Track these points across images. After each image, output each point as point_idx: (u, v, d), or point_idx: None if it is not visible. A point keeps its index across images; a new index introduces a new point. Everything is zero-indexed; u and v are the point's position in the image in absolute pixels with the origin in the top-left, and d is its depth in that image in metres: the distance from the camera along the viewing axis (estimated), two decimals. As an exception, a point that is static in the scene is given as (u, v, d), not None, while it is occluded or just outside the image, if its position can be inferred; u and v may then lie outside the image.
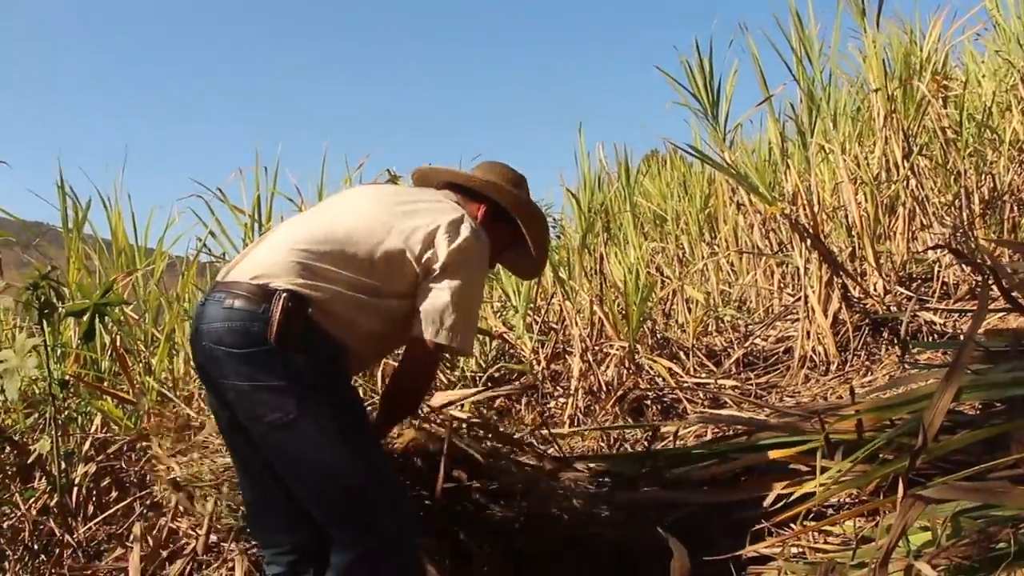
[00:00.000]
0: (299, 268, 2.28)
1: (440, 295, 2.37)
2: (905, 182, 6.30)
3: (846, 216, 6.68)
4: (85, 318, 3.56)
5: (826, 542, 2.76)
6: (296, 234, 2.42)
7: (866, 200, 6.32)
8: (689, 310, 6.89)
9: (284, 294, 2.21)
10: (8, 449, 4.02)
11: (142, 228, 5.70)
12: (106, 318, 3.68)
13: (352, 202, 2.60)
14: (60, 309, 3.71)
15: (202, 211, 5.78)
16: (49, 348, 3.62)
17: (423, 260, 2.39)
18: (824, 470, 2.81)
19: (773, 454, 3.01)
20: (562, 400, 5.68)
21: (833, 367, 5.50)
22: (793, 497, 2.87)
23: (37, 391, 4.35)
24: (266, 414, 2.22)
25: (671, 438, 4.43)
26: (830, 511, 2.98)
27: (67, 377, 4.28)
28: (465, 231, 2.44)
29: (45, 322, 3.60)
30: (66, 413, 4.12)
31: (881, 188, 6.36)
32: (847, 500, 2.96)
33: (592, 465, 3.45)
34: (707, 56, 6.84)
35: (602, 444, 4.85)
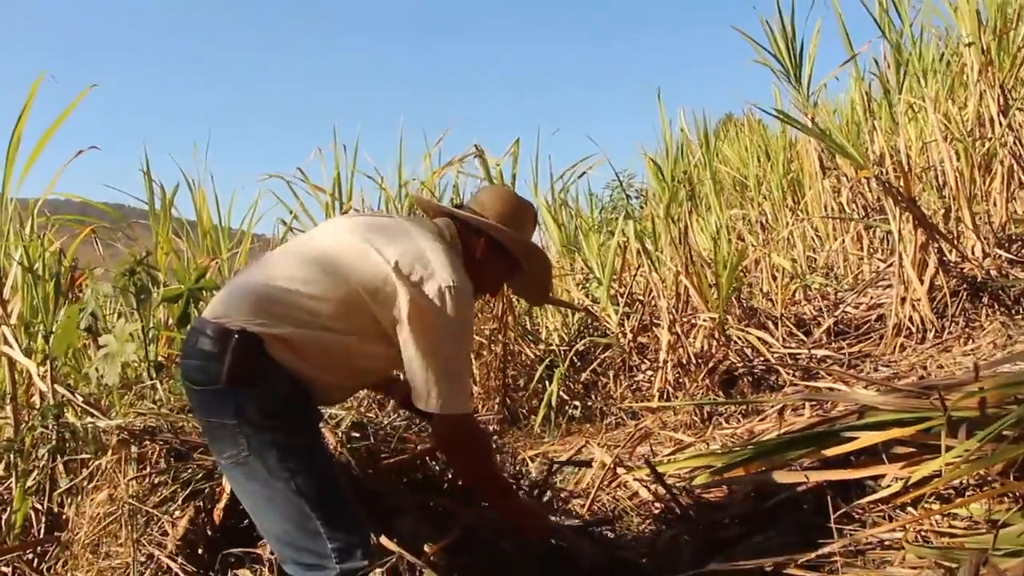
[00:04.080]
0: (258, 307, 2.25)
1: (414, 364, 2.27)
2: (1002, 139, 6.05)
3: (937, 177, 6.45)
4: (180, 303, 3.56)
5: (950, 526, 2.65)
6: (262, 272, 2.40)
7: (959, 159, 6.08)
8: (774, 278, 6.73)
9: (236, 335, 2.21)
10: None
11: (225, 209, 5.74)
12: (200, 303, 3.69)
13: (320, 236, 2.52)
14: (155, 294, 3.72)
15: (283, 192, 5.81)
16: (147, 333, 3.64)
17: (379, 298, 2.28)
18: (947, 449, 2.67)
19: (893, 432, 2.88)
20: (649, 373, 5.60)
21: (930, 335, 5.33)
22: (913, 479, 2.75)
23: (130, 374, 4.39)
24: (223, 451, 2.26)
25: (769, 411, 4.33)
26: (949, 493, 2.85)
27: (161, 359, 4.31)
28: (432, 283, 2.27)
29: (141, 307, 3.61)
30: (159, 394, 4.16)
31: (976, 146, 6.11)
32: (970, 482, 2.82)
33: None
34: (788, 15, 6.64)
35: (695, 417, 4.77)
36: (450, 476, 2.93)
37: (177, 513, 2.66)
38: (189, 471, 2.76)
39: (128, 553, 2.58)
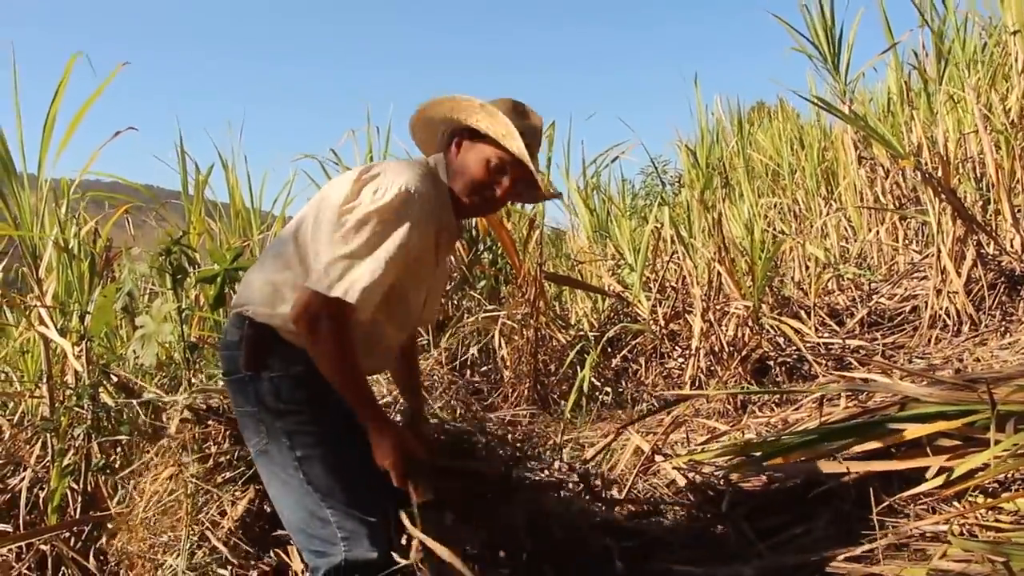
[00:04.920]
0: (268, 288, 2.25)
1: (320, 244, 2.17)
2: (1045, 131, 5.95)
3: (975, 168, 6.37)
4: (216, 284, 3.56)
5: (996, 520, 2.61)
6: (264, 255, 2.41)
7: (999, 150, 5.99)
8: (806, 267, 6.68)
9: (247, 321, 2.24)
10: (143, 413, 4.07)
11: (257, 190, 5.74)
12: (235, 283, 3.68)
13: (312, 206, 2.37)
14: (191, 274, 3.72)
15: (316, 173, 5.81)
16: (182, 314, 3.64)
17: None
18: (995, 443, 2.63)
19: (939, 425, 2.84)
20: (681, 360, 5.57)
21: (965, 328, 5.27)
22: (957, 472, 2.71)
23: (163, 354, 4.40)
24: (250, 440, 2.29)
25: (804, 400, 4.29)
26: (993, 487, 2.81)
27: (194, 340, 4.31)
28: (371, 183, 2.19)
29: (177, 287, 3.61)
30: (192, 374, 4.17)
31: (1018, 137, 6.02)
32: (1017, 476, 2.79)
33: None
34: (828, 1, 6.56)
35: (728, 406, 4.74)
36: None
37: (238, 494, 2.66)
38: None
39: (183, 531, 2.58)
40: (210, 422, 2.84)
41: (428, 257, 2.35)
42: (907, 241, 6.71)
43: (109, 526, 3.16)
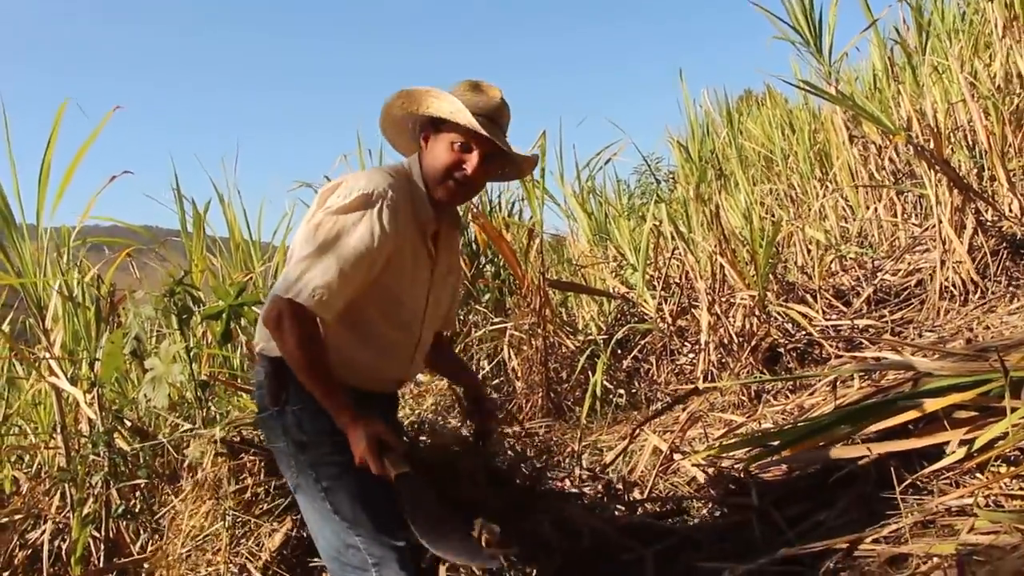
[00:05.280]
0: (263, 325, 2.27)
1: (293, 251, 2.24)
2: (1032, 93, 5.96)
3: (967, 136, 6.37)
4: (221, 320, 3.56)
5: (1021, 488, 2.59)
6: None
7: (988, 117, 5.98)
8: (808, 251, 6.67)
9: (266, 358, 2.29)
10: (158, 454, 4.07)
11: (255, 222, 5.74)
12: (241, 319, 3.69)
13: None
14: (196, 313, 3.72)
15: (311, 199, 5.81)
16: (190, 352, 3.64)
17: None
18: (1012, 411, 2.62)
19: (953, 398, 2.83)
20: (691, 356, 5.56)
21: (973, 296, 5.25)
22: (977, 444, 2.70)
23: (175, 395, 4.40)
24: (285, 475, 2.36)
25: (818, 385, 4.28)
26: (1016, 455, 2.79)
27: (204, 377, 4.31)
28: (338, 189, 2.24)
29: (184, 327, 3.62)
30: (206, 413, 4.16)
31: (1005, 102, 6.02)
32: (1036, 443, 2.77)
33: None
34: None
35: (743, 397, 4.72)
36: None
37: (275, 524, 2.68)
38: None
39: (221, 564, 2.60)
40: (243, 455, 2.85)
41: (412, 255, 2.36)
42: (906, 215, 6.70)
43: (146, 566, 3.16)
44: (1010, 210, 5.66)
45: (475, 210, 5.92)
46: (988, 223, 5.55)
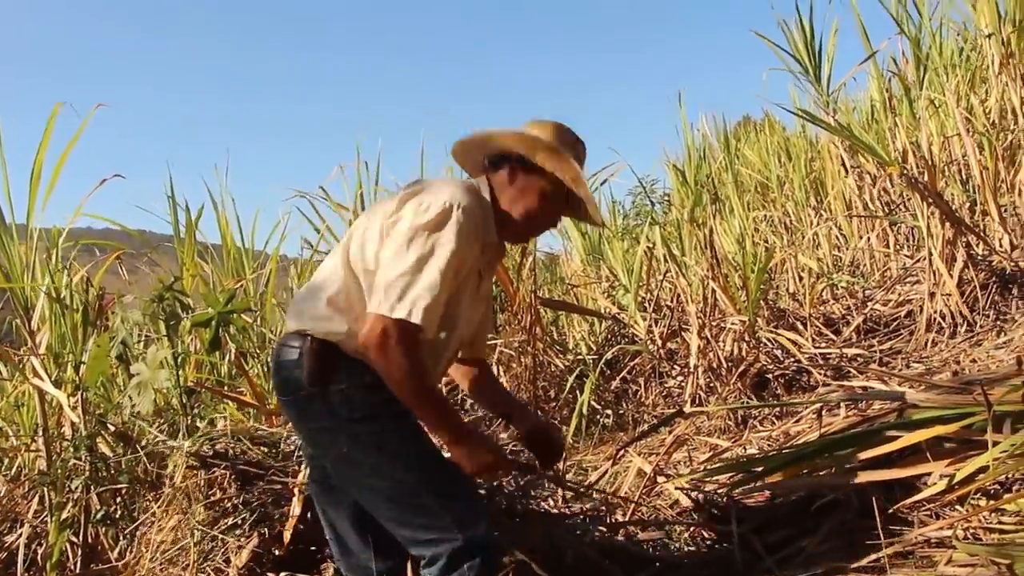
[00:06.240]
0: (321, 306, 2.27)
1: (383, 269, 2.18)
2: (1026, 130, 5.99)
3: (960, 171, 6.40)
4: (210, 327, 3.55)
5: (999, 522, 2.60)
6: (315, 276, 2.42)
7: (982, 152, 6.01)
8: (800, 278, 6.68)
9: (309, 338, 2.25)
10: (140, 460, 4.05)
11: (248, 230, 5.74)
12: (230, 326, 3.68)
13: (362, 221, 2.41)
14: (185, 319, 3.71)
15: (307, 210, 5.80)
16: (177, 359, 3.63)
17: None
18: (993, 444, 2.62)
19: (937, 429, 2.83)
20: (680, 379, 5.56)
21: (961, 329, 5.27)
22: (958, 476, 2.70)
23: (160, 400, 4.38)
24: (327, 453, 2.31)
25: (804, 412, 4.28)
26: (995, 489, 2.80)
27: (190, 384, 4.29)
28: (420, 200, 2.21)
29: (172, 333, 3.61)
30: (191, 419, 4.14)
31: (1000, 138, 6.05)
32: (1017, 476, 2.77)
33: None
34: (807, 15, 6.61)
35: (729, 422, 4.72)
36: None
37: (243, 540, 2.65)
38: (256, 496, 2.76)
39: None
40: (215, 469, 2.83)
41: (476, 273, 2.37)
42: (898, 246, 6.72)
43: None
44: (1000, 245, 5.69)
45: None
46: (979, 257, 5.58)
